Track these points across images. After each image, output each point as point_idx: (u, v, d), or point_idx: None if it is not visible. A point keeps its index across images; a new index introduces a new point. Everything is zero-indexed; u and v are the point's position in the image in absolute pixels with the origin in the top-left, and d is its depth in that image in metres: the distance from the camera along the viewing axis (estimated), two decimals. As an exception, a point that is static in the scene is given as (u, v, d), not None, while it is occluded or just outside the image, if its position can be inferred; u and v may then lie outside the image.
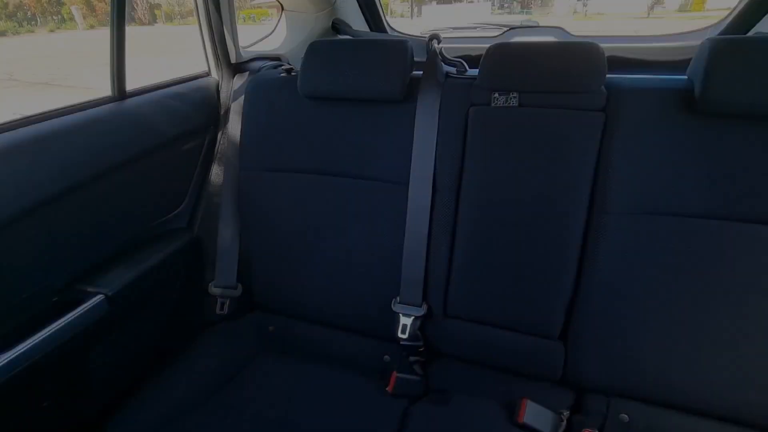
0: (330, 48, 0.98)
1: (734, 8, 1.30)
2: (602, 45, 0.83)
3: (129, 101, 0.95)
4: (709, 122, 0.75)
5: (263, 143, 1.06)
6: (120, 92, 0.93)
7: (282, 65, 1.17)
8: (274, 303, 1.12)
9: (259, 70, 1.16)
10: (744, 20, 1.26)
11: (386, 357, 1.02)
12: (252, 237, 1.10)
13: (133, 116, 0.95)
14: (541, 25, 1.59)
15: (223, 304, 1.10)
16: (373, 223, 0.98)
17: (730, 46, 0.72)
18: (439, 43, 1.01)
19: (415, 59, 0.97)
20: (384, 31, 1.66)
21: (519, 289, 0.89)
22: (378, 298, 0.99)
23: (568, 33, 1.46)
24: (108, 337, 0.92)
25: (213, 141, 1.17)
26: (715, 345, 0.78)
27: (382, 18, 1.66)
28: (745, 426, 0.79)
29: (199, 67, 1.18)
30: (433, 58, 0.97)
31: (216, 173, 1.16)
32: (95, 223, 0.90)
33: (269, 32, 1.49)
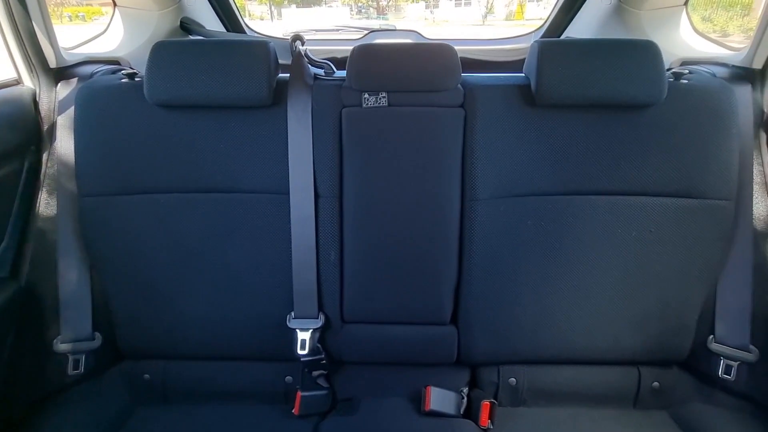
0: (181, 49, 0.87)
1: (548, 17, 1.56)
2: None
3: None
4: (545, 113, 0.87)
5: (106, 162, 0.89)
6: None
7: (122, 69, 1.00)
8: (146, 346, 0.96)
9: (92, 75, 0.98)
10: (556, 26, 1.52)
11: (288, 378, 0.96)
12: (106, 275, 0.93)
13: None
14: (398, 28, 1.67)
15: (77, 361, 0.90)
16: (255, 239, 0.91)
17: (553, 47, 0.85)
18: (303, 45, 0.98)
19: (280, 61, 0.93)
20: (242, 32, 1.56)
21: (410, 283, 0.92)
22: (271, 317, 0.92)
23: (422, 36, 1.57)
24: None
25: (36, 164, 0.94)
26: (570, 303, 0.91)
27: (239, 18, 1.55)
28: (599, 365, 0.95)
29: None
30: (299, 59, 0.93)
31: (45, 204, 0.94)
32: None
33: (101, 32, 1.27)
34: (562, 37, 1.52)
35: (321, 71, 0.97)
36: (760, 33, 0.93)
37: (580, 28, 1.46)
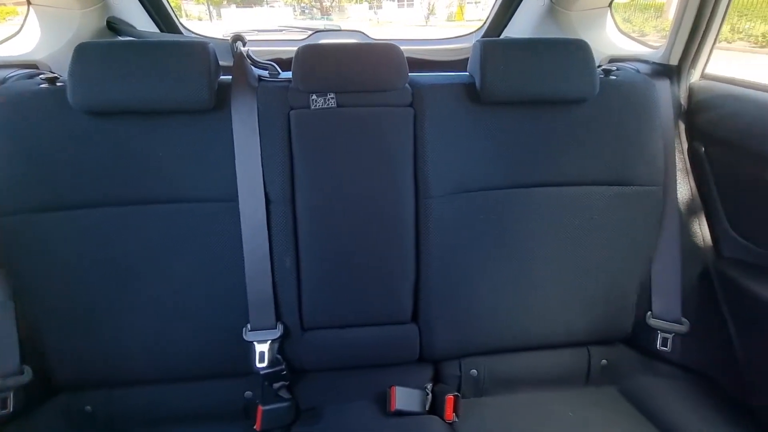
0: (109, 51, 0.80)
1: (486, 18, 1.62)
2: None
3: None
4: (491, 110, 0.90)
5: (26, 177, 0.80)
6: None
7: (41, 74, 0.91)
8: (84, 376, 0.88)
9: (5, 80, 0.88)
10: (495, 27, 1.59)
11: (247, 393, 0.92)
12: (33, 302, 0.84)
13: None
14: (343, 28, 1.66)
15: (4, 400, 0.81)
16: (203, 251, 0.86)
17: (494, 46, 0.88)
18: (244, 45, 0.94)
19: (221, 63, 0.89)
20: (177, 32, 1.48)
21: (369, 284, 0.91)
22: (225, 331, 0.88)
23: (367, 36, 1.57)
24: None
25: None
26: (523, 291, 0.95)
27: (174, 18, 1.47)
28: (552, 348, 1.00)
29: None
30: (241, 60, 0.89)
31: None
32: None
33: (13, 33, 1.15)
34: (502, 36, 1.59)
35: (265, 73, 0.94)
36: (674, 33, 1.02)
37: (518, 28, 1.53)
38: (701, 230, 0.98)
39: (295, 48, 0.88)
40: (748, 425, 0.84)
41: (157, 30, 1.41)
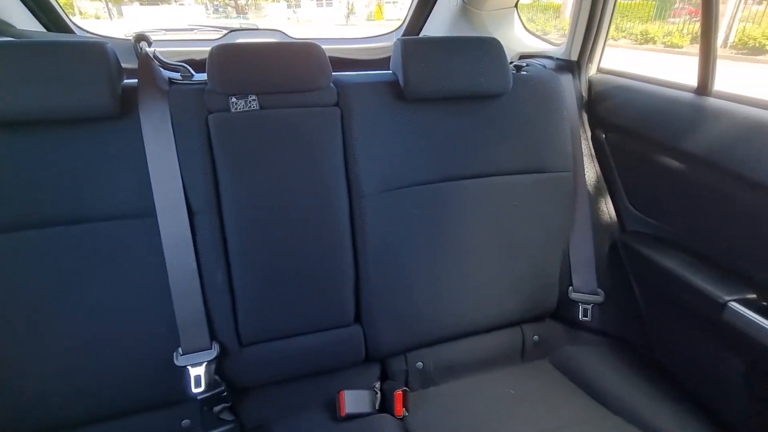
0: None
1: (405, 17, 1.66)
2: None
3: None
4: (415, 106, 0.92)
5: None
6: None
7: None
8: None
9: None
10: (414, 25, 1.63)
11: (185, 422, 0.85)
12: None
13: None
14: (260, 28, 1.60)
15: None
16: (122, 273, 0.78)
17: (415, 44, 0.90)
18: (150, 46, 0.87)
19: (123, 65, 0.80)
20: (69, 32, 1.32)
21: (308, 290, 0.89)
22: (153, 359, 0.81)
23: (287, 35, 1.53)
24: None
25: None
26: (459, 280, 0.99)
27: (63, 16, 1.31)
28: (490, 331, 1.05)
29: None
30: (147, 62, 0.82)
31: None
32: None
33: None
34: (421, 35, 1.63)
35: (177, 75, 0.87)
36: (572, 32, 1.12)
37: (435, 27, 1.59)
38: (607, 209, 1.09)
39: (210, 48, 0.82)
40: (658, 379, 0.96)
41: (43, 30, 1.25)
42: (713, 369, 0.86)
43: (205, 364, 0.81)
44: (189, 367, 0.80)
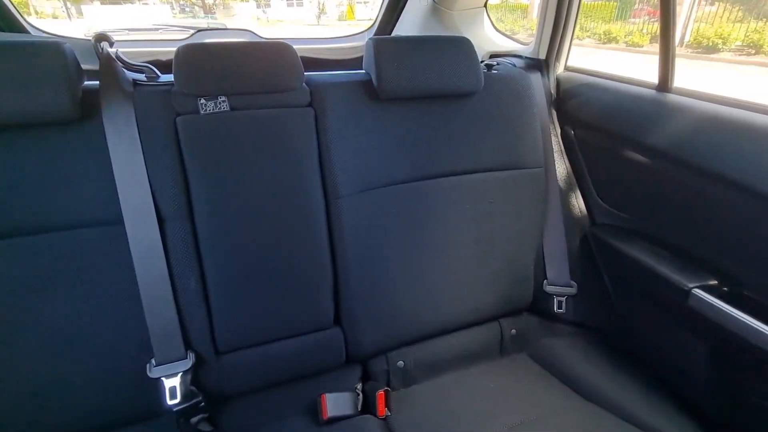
0: None
1: (376, 17, 1.66)
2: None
3: None
4: (389, 106, 0.92)
5: None
6: None
7: None
8: None
9: None
10: (385, 25, 1.63)
11: None
12: None
13: None
14: (229, 27, 1.56)
15: None
16: (89, 284, 0.75)
17: (387, 44, 0.90)
18: (111, 46, 0.83)
19: (84, 67, 0.77)
20: (23, 32, 1.25)
21: (286, 295, 0.88)
22: (125, 372, 0.78)
23: (257, 35, 1.50)
24: None
25: None
26: (438, 278, 0.99)
27: (17, 15, 1.24)
28: (469, 327, 1.06)
29: None
30: (109, 63, 0.79)
31: None
32: None
33: None
34: (392, 35, 1.64)
35: (141, 76, 0.84)
36: (540, 31, 1.15)
37: (407, 27, 1.59)
38: (578, 203, 1.12)
39: (176, 48, 0.80)
40: (629, 366, 0.99)
41: None
42: (680, 353, 0.90)
43: (180, 374, 0.78)
44: (163, 379, 0.78)
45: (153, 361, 0.78)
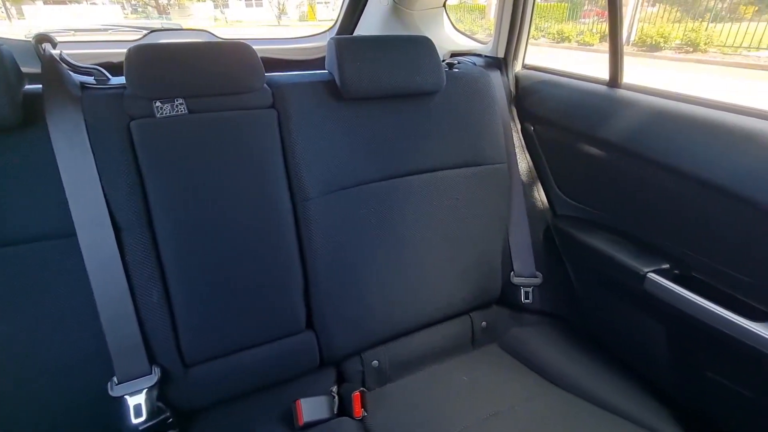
0: None
1: (337, 17, 1.65)
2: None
3: None
4: (353, 106, 0.92)
5: None
6: None
7: None
8: None
9: None
10: (347, 25, 1.63)
11: None
12: None
13: None
14: (185, 28, 1.51)
15: None
16: (41, 301, 0.70)
17: (349, 43, 0.89)
18: (54, 47, 0.78)
19: (24, 70, 0.72)
20: (-48, 33, 1.16)
21: (255, 301, 0.86)
22: (84, 393, 0.73)
23: (215, 36, 1.46)
24: None
25: None
26: (410, 275, 1.00)
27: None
28: (441, 322, 1.08)
29: None
30: (53, 65, 0.74)
31: None
32: None
33: None
34: (354, 34, 1.64)
35: (90, 79, 0.79)
36: (498, 30, 1.18)
37: (368, 26, 1.60)
38: (540, 196, 1.16)
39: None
40: (594, 350, 1.04)
41: None
42: (639, 335, 0.95)
43: (145, 391, 0.75)
44: (127, 397, 0.74)
45: (114, 378, 0.74)
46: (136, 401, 0.74)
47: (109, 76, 0.81)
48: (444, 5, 1.53)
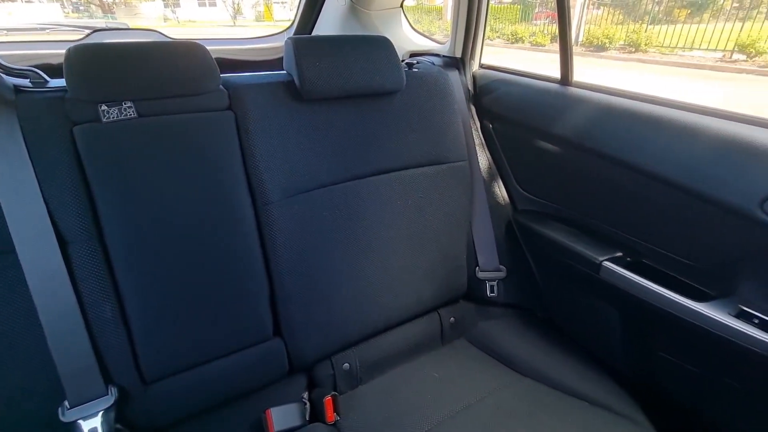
0: None
1: (295, 17, 1.63)
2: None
3: None
4: (313, 106, 0.90)
5: None
6: None
7: None
8: None
9: None
10: (304, 25, 1.61)
11: None
12: None
13: None
14: (132, 27, 1.44)
15: None
16: None
17: (307, 43, 0.88)
18: None
19: None
20: None
21: (219, 310, 0.82)
22: (31, 420, 0.68)
23: (165, 36, 1.39)
24: None
25: None
26: (377, 276, 1.00)
27: None
28: (410, 320, 1.08)
29: None
30: None
31: None
32: None
33: None
34: (312, 34, 1.62)
35: (26, 81, 0.73)
36: (454, 31, 1.20)
37: (326, 27, 1.58)
38: (501, 192, 1.19)
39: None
40: (557, 339, 1.08)
41: None
42: (597, 322, 1.00)
43: (101, 413, 0.70)
44: (80, 421, 0.69)
45: (66, 403, 0.69)
46: (92, 425, 0.70)
47: (48, 78, 0.76)
48: (402, 6, 1.54)
